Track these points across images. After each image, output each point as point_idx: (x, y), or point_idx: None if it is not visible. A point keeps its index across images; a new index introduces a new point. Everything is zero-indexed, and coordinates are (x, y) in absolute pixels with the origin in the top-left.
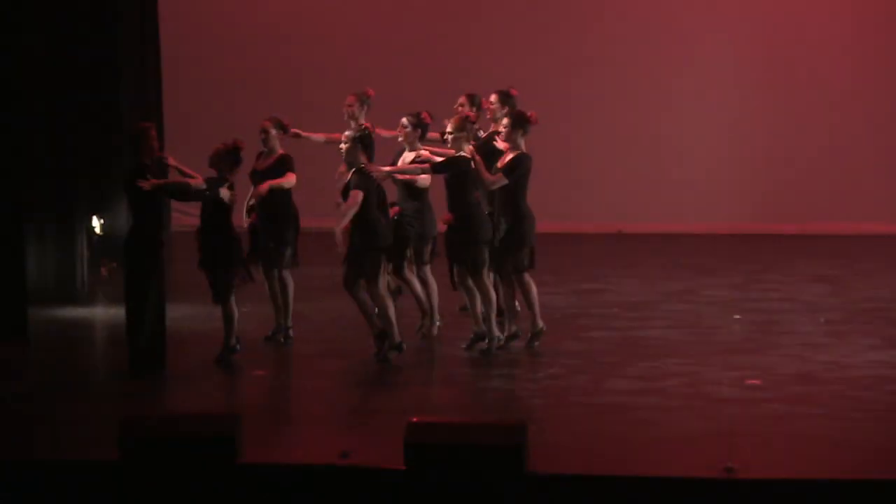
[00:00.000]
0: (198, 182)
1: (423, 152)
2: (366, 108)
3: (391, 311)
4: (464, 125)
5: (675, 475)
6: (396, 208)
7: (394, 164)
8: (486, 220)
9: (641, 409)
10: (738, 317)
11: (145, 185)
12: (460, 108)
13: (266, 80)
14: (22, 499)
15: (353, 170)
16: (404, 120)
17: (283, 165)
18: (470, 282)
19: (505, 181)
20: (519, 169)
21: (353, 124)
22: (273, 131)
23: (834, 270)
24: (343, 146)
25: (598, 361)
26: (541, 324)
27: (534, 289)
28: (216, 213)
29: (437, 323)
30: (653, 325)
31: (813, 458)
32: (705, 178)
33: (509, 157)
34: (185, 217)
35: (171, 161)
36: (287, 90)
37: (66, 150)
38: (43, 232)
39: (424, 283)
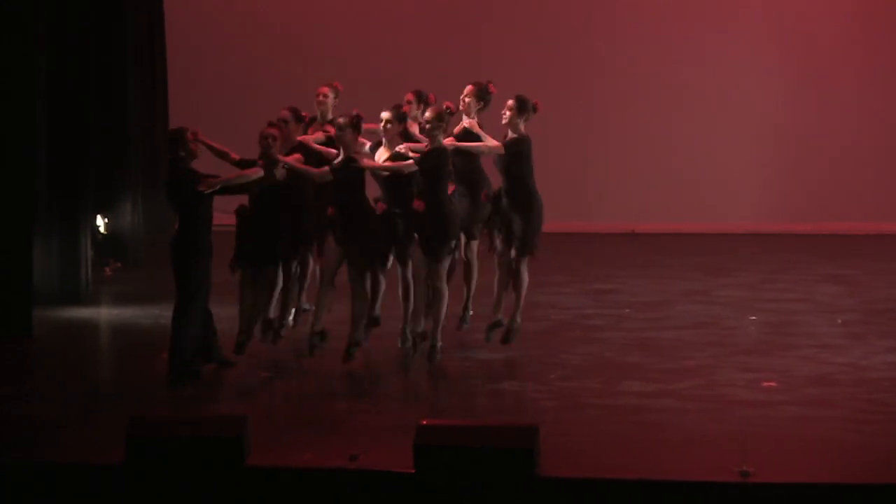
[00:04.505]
0: (245, 171)
1: (400, 148)
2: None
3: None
4: (442, 117)
5: (689, 478)
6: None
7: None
8: (457, 216)
9: (655, 411)
10: (754, 318)
11: (205, 186)
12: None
13: (273, 82)
14: (27, 502)
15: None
16: (387, 114)
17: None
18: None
19: (501, 150)
20: (518, 146)
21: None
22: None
23: (850, 270)
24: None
25: (611, 363)
26: (519, 319)
27: (526, 281)
28: (270, 196)
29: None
30: (666, 326)
31: (830, 461)
32: (718, 178)
33: (510, 137)
34: None
35: (201, 136)
36: (293, 93)
37: (70, 149)
38: (47, 232)
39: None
